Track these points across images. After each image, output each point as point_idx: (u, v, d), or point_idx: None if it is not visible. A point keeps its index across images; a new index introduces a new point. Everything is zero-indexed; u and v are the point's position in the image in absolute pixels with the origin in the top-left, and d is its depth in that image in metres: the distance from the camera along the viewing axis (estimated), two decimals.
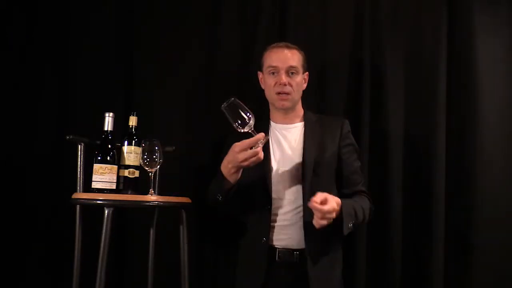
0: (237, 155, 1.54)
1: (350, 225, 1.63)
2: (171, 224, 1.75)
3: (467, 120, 2.10)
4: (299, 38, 2.13)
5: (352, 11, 2.21)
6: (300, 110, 1.86)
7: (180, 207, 1.71)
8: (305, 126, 1.80)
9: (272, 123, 1.86)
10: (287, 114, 1.83)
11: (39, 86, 2.22)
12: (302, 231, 1.68)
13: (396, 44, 2.17)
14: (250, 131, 1.54)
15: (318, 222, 1.53)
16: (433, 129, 2.09)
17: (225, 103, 1.56)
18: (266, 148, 1.73)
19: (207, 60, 2.23)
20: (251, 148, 1.53)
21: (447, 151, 2.09)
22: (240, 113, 1.53)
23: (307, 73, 1.84)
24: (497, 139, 2.09)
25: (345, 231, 1.61)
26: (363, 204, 1.73)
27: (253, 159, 1.54)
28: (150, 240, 1.90)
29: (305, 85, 1.84)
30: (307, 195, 1.65)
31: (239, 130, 1.54)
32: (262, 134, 1.53)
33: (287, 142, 1.80)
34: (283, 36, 2.18)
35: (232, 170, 1.60)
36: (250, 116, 1.54)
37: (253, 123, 1.54)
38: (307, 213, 1.64)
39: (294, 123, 1.83)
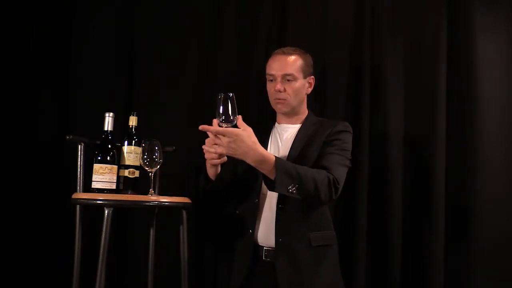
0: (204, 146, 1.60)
1: (291, 188, 1.53)
2: (171, 224, 1.75)
3: (467, 120, 2.10)
4: (299, 38, 2.13)
5: (352, 11, 2.21)
6: (303, 113, 1.87)
7: (180, 207, 1.71)
8: (301, 126, 1.82)
9: (276, 124, 1.90)
10: (289, 116, 1.85)
11: (39, 86, 2.23)
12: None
13: (396, 44, 2.17)
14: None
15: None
16: (433, 129, 2.09)
17: (222, 94, 1.54)
18: (264, 145, 1.75)
19: (207, 60, 2.24)
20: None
21: (447, 151, 2.09)
22: (230, 109, 1.52)
23: (312, 77, 1.84)
24: (497, 139, 2.09)
25: (278, 188, 1.52)
26: (313, 172, 1.59)
27: (210, 156, 1.61)
28: (150, 240, 1.90)
29: (310, 89, 1.85)
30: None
31: (219, 124, 1.53)
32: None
33: (282, 141, 1.83)
34: (283, 36, 2.18)
35: (208, 164, 1.68)
36: (235, 118, 1.53)
37: (231, 126, 1.53)
38: (279, 210, 1.69)
39: (294, 124, 1.85)
